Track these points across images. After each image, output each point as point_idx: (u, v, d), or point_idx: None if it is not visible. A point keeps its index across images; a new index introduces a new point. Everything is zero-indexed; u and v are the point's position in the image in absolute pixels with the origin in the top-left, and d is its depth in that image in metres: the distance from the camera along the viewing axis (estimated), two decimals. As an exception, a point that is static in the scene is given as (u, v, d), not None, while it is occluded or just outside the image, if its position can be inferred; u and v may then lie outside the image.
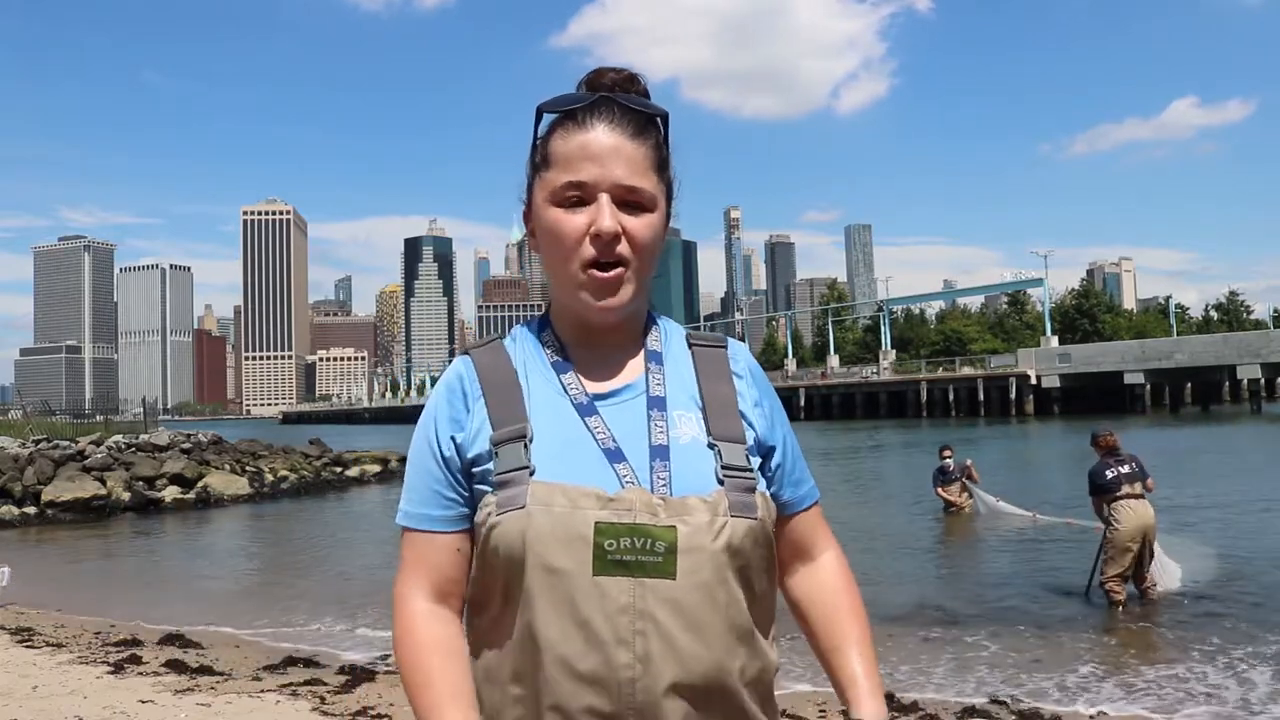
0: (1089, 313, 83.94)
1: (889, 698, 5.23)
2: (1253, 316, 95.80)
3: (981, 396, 58.58)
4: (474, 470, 1.11)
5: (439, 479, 1.13)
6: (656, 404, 1.12)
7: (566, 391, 1.13)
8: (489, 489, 1.08)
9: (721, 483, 1.07)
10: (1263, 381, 53.29)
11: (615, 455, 1.08)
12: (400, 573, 1.15)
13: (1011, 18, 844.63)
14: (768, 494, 1.13)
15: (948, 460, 13.10)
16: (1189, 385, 57.92)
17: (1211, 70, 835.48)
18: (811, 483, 1.24)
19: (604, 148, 1.08)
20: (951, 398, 60.19)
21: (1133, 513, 7.42)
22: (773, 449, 1.17)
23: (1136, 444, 8.60)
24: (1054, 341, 65.08)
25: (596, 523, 1.02)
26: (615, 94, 1.13)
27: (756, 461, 1.13)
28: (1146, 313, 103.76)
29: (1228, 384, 58.16)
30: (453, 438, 1.13)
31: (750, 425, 1.15)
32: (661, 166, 1.14)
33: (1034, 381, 56.94)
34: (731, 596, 1.05)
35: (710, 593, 1.03)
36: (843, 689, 1.18)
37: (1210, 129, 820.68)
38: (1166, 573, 8.06)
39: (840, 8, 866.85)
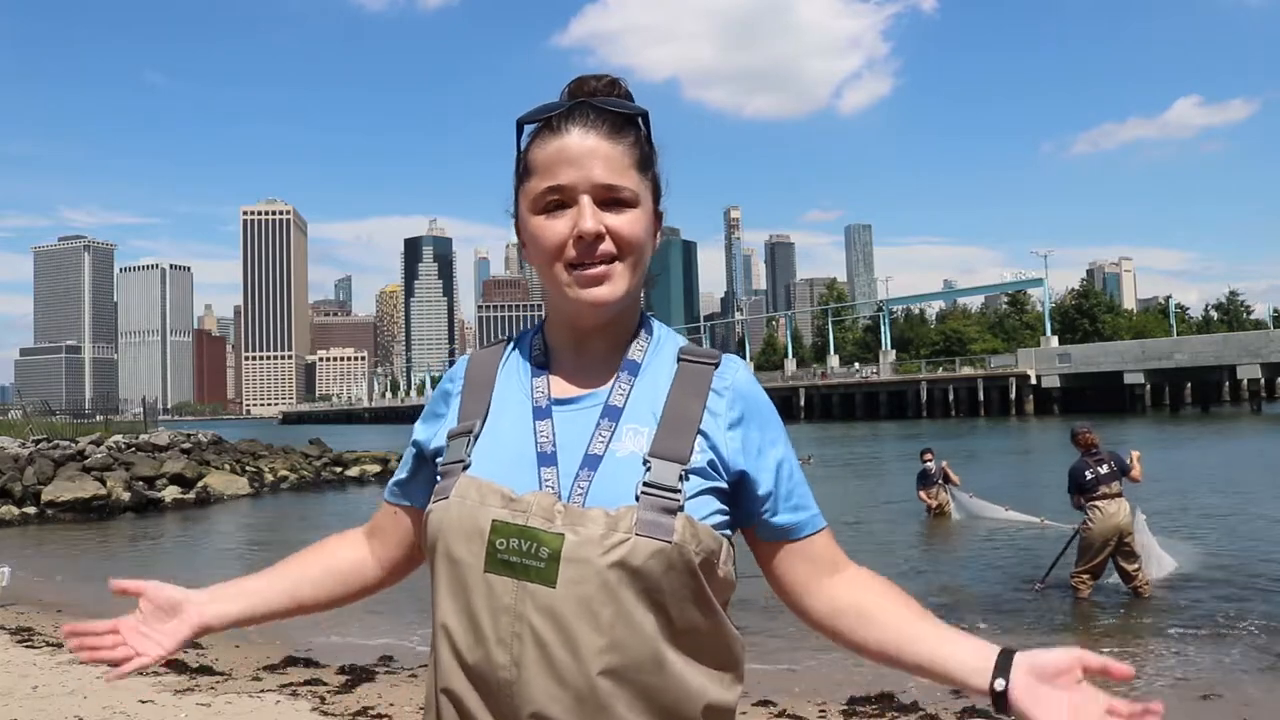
0: (1089, 313, 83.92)
1: (888, 698, 5.23)
2: (1253, 316, 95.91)
3: (981, 396, 58.62)
4: (436, 461, 1.17)
5: (406, 462, 1.25)
6: (610, 413, 1.11)
7: (532, 394, 1.15)
8: (439, 479, 1.13)
9: (638, 499, 1.04)
10: (1263, 381, 53.31)
11: (547, 460, 1.08)
12: None
13: (1015, 17, 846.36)
14: (696, 520, 1.05)
15: (929, 464, 13.30)
16: (1189, 385, 57.94)
17: (1215, 69, 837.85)
18: (814, 510, 1.17)
19: (580, 150, 1.08)
20: (951, 398, 60.22)
21: (1106, 514, 7.62)
22: (743, 473, 1.11)
23: (1137, 444, 8.65)
24: (1054, 341, 65.11)
25: (493, 520, 1.04)
26: (592, 98, 1.12)
27: (702, 485, 1.08)
28: (1146, 313, 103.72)
29: (1228, 384, 58.18)
30: (424, 430, 1.22)
31: (712, 448, 1.10)
32: (644, 165, 1.13)
33: (1034, 381, 56.98)
34: (622, 616, 1.00)
35: (591, 607, 1.00)
36: (949, 653, 1.05)
37: (1213, 128, 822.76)
38: (1162, 564, 8.29)
39: (844, 7, 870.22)
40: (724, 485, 1.10)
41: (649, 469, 1.06)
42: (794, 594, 1.17)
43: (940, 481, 13.03)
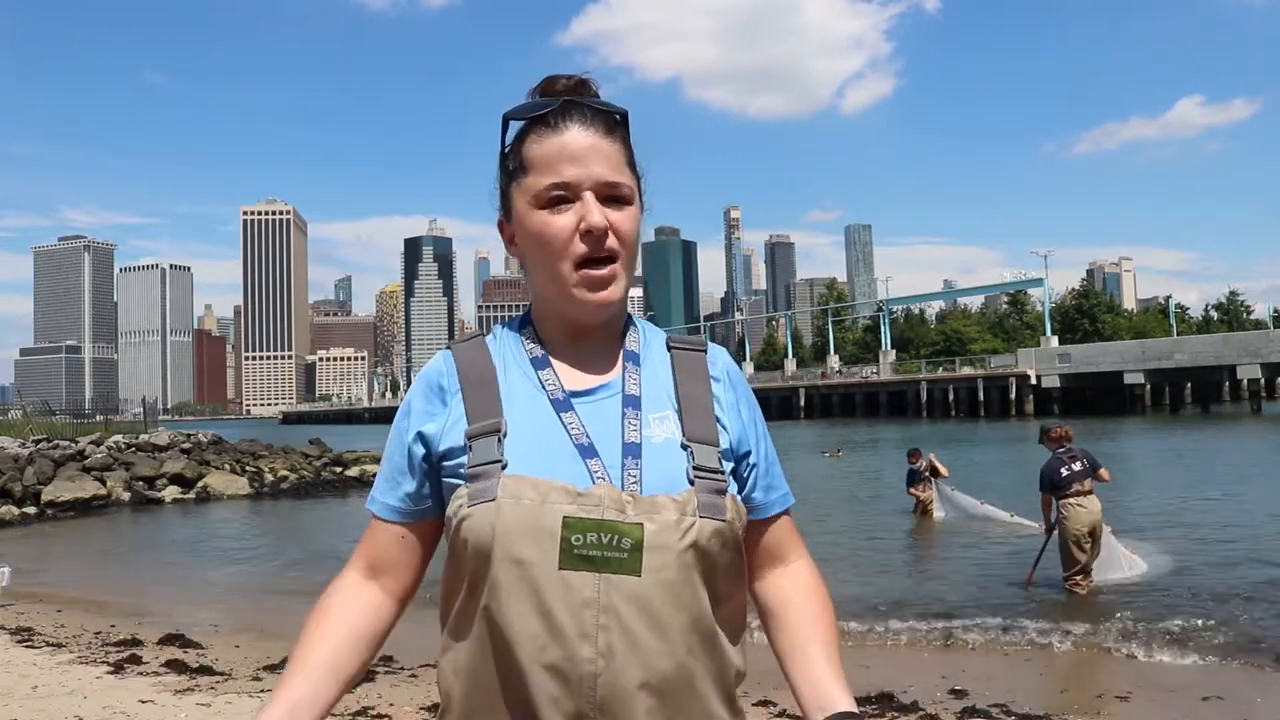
0: (1089, 313, 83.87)
1: (888, 698, 5.23)
2: (1253, 316, 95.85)
3: (981, 396, 58.59)
4: (445, 464, 1.13)
5: (401, 470, 1.17)
6: (631, 402, 1.13)
7: (544, 387, 1.14)
8: (461, 482, 1.09)
9: (692, 483, 1.08)
10: (1263, 381, 53.26)
11: (588, 451, 1.09)
12: (355, 550, 1.22)
13: (1018, 17, 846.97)
14: (738, 497, 1.13)
15: (918, 464, 13.60)
16: (1189, 385, 57.94)
17: (1217, 69, 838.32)
18: (785, 489, 1.23)
19: (582, 147, 1.10)
20: (951, 398, 60.20)
21: (1083, 510, 7.79)
22: (747, 453, 1.18)
23: (1136, 444, 8.70)
24: (1054, 341, 65.06)
25: (565, 517, 1.03)
26: (578, 97, 1.15)
27: (729, 465, 1.14)
28: (1146, 313, 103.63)
29: (1228, 384, 58.19)
30: (421, 432, 1.16)
31: (724, 429, 1.15)
32: (633, 163, 1.16)
33: (1034, 381, 56.93)
34: (695, 596, 1.05)
35: (674, 591, 1.03)
36: (808, 685, 1.12)
37: (1215, 128, 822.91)
38: (1115, 563, 8.41)
39: (847, 7, 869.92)
40: (733, 464, 1.16)
41: (691, 454, 1.10)
42: (749, 576, 1.21)
43: (928, 476, 13.35)
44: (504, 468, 1.07)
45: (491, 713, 1.06)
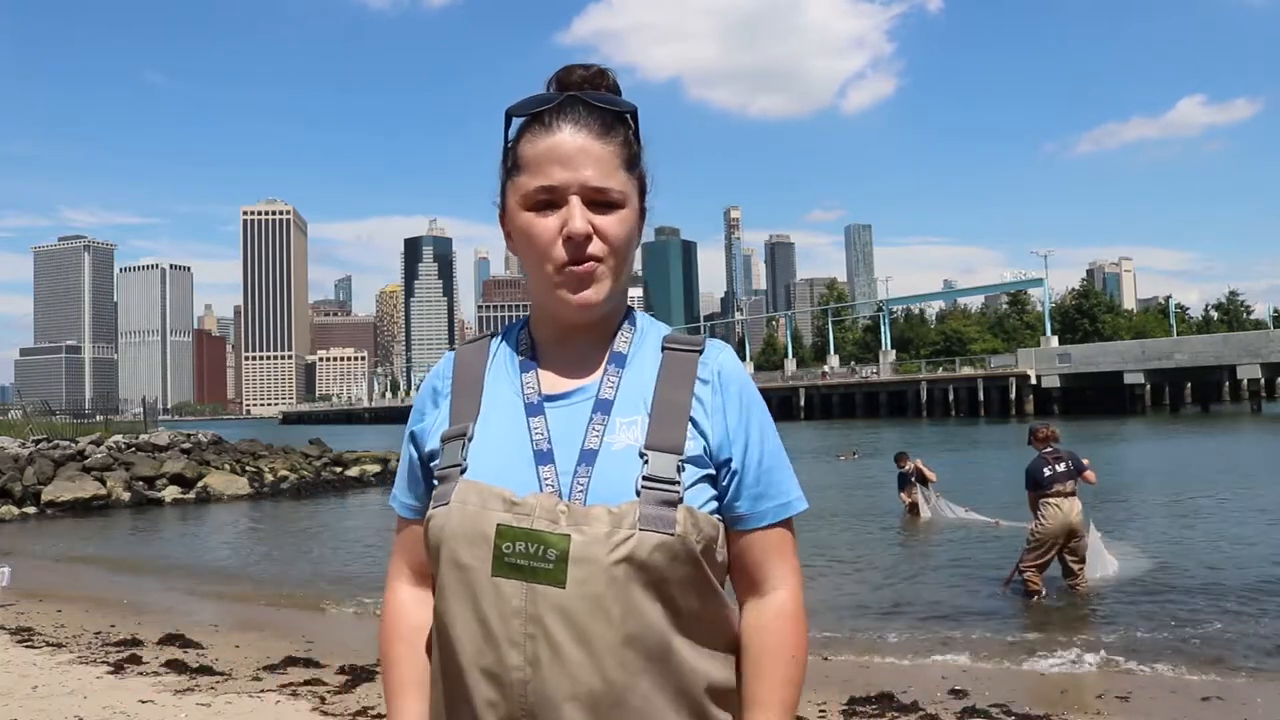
0: (1089, 313, 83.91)
1: (888, 698, 5.23)
2: (1253, 316, 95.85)
3: (981, 396, 58.64)
4: (431, 465, 1.16)
5: (408, 468, 1.22)
6: (602, 407, 1.11)
7: (522, 391, 1.14)
8: (437, 483, 1.12)
9: (639, 493, 1.05)
10: (1263, 381, 53.30)
11: (544, 458, 1.08)
12: (391, 554, 1.26)
13: (1020, 17, 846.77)
14: (696, 509, 1.07)
15: (905, 467, 13.69)
16: (1189, 385, 58.00)
17: (1219, 69, 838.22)
18: (782, 500, 1.15)
19: (571, 150, 1.08)
20: (951, 398, 60.25)
21: (1060, 511, 7.83)
22: (728, 460, 1.12)
23: (1136, 444, 8.71)
24: (1054, 341, 65.12)
25: (498, 525, 1.04)
26: (582, 93, 1.12)
27: (697, 474, 1.09)
28: (1146, 313, 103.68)
29: (1228, 384, 58.23)
30: (413, 433, 1.20)
31: (700, 435, 1.10)
32: (632, 163, 1.13)
33: (1034, 381, 56.98)
34: (632, 611, 1.02)
35: (602, 605, 1.01)
36: None
37: (1216, 127, 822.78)
38: (1102, 563, 8.45)
39: (849, 7, 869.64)
40: (713, 471, 1.11)
41: (646, 462, 1.06)
42: (736, 594, 1.18)
43: (914, 480, 13.45)
44: (463, 472, 1.08)
45: (448, 711, 1.09)
